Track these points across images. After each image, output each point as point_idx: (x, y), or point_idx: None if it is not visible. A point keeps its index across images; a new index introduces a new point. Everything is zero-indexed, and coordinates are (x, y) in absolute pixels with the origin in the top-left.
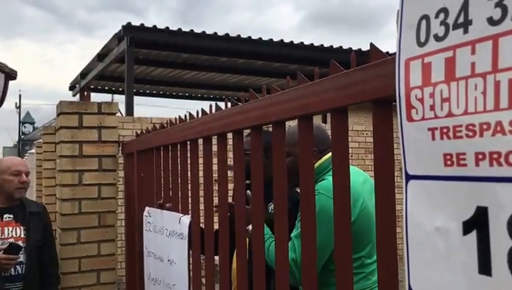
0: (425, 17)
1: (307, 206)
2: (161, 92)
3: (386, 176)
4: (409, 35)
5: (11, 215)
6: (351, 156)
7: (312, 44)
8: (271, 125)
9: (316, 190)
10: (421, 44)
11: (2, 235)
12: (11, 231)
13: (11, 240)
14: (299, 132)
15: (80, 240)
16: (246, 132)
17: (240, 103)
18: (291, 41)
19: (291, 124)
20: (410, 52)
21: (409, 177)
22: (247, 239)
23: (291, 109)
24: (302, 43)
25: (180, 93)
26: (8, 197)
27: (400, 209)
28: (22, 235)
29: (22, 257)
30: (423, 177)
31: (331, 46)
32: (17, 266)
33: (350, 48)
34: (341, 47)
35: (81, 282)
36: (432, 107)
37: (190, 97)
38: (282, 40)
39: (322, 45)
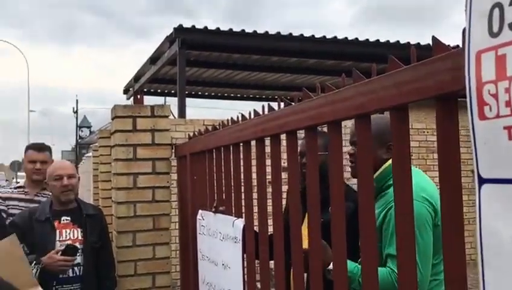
0: (498, 5)
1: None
2: (212, 94)
3: (452, 178)
4: (480, 26)
5: (69, 218)
6: (411, 155)
7: (367, 40)
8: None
9: None
10: (493, 34)
11: (60, 237)
12: (69, 233)
13: (69, 242)
14: (357, 131)
15: (135, 243)
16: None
17: (293, 103)
18: (345, 38)
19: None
20: (481, 44)
21: (482, 181)
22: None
23: (347, 108)
24: (356, 39)
25: (232, 94)
26: (60, 201)
27: (467, 212)
28: (79, 237)
29: (79, 259)
30: (499, 181)
31: (388, 41)
32: (75, 268)
33: (408, 43)
34: (398, 42)
35: (137, 285)
36: (508, 103)
37: (241, 98)
38: (335, 37)
39: (378, 40)
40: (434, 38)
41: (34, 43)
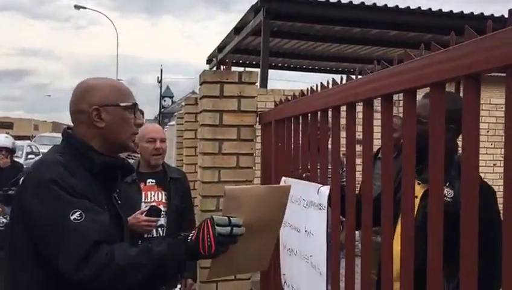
0: None
1: None
2: (292, 66)
3: None
4: None
5: (154, 180)
6: (487, 132)
7: (451, 11)
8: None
9: None
10: None
11: (145, 199)
12: (154, 195)
13: (154, 203)
14: (464, 96)
15: (218, 208)
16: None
17: (389, 65)
18: (429, 8)
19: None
20: None
21: None
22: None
23: (454, 68)
24: (440, 10)
25: (310, 67)
26: (149, 164)
27: None
28: (163, 200)
29: (162, 221)
30: None
31: (472, 13)
32: (159, 229)
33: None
34: (482, 14)
35: None
36: None
37: (319, 70)
38: (419, 8)
39: (462, 11)
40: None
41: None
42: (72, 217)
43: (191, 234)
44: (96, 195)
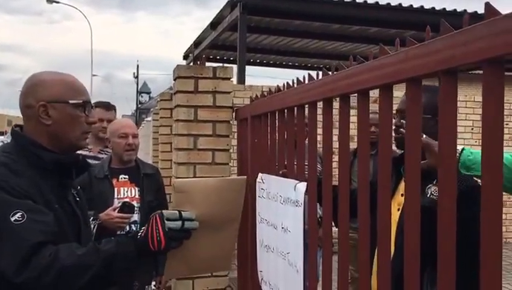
0: None
1: None
2: (271, 62)
3: (495, 148)
4: None
5: (127, 176)
6: (472, 129)
7: (433, 8)
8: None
9: None
10: None
11: (118, 195)
12: (127, 191)
13: (127, 199)
14: (441, 91)
15: None
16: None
17: (366, 61)
18: (411, 5)
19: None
20: None
21: None
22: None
23: (431, 63)
24: (422, 6)
25: (290, 63)
26: (121, 159)
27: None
28: (136, 196)
29: (136, 217)
30: None
31: (455, 10)
32: (132, 225)
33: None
34: (465, 10)
35: None
36: None
37: (299, 67)
38: (400, 4)
39: (444, 8)
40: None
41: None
42: (12, 219)
43: (141, 231)
44: (45, 194)
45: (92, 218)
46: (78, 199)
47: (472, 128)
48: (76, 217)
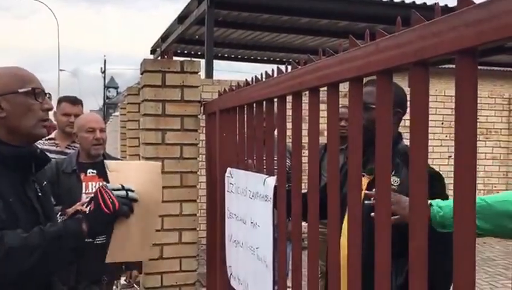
0: None
1: None
2: (239, 56)
3: (467, 141)
4: None
5: (94, 171)
6: (442, 123)
7: (403, 1)
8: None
9: None
10: None
11: (86, 190)
12: (95, 186)
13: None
14: (412, 84)
15: (162, 199)
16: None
17: (335, 54)
18: None
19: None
20: None
21: None
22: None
23: (402, 55)
24: (391, 0)
25: (258, 57)
26: (89, 154)
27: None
28: None
29: None
30: None
31: (424, 3)
32: None
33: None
34: (436, 3)
35: (164, 240)
36: None
37: (268, 61)
38: None
39: (413, 1)
40: None
41: (66, 2)
42: None
43: (88, 207)
44: None
45: (59, 213)
46: (40, 194)
47: (442, 123)
48: (35, 212)
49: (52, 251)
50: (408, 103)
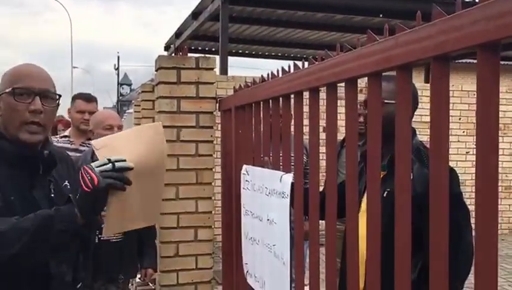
0: None
1: None
2: (253, 52)
3: (488, 136)
4: None
5: None
6: (459, 119)
7: None
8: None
9: None
10: None
11: None
12: None
13: None
14: (432, 78)
15: (178, 196)
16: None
17: (353, 49)
18: None
19: None
20: None
21: None
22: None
23: (423, 50)
24: None
25: (273, 53)
26: None
27: None
28: None
29: None
30: None
31: None
32: None
33: None
34: None
35: (179, 237)
36: None
37: (283, 57)
38: None
39: None
40: None
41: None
42: None
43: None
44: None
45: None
46: (53, 195)
47: (460, 118)
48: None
49: (42, 231)
50: (428, 98)
